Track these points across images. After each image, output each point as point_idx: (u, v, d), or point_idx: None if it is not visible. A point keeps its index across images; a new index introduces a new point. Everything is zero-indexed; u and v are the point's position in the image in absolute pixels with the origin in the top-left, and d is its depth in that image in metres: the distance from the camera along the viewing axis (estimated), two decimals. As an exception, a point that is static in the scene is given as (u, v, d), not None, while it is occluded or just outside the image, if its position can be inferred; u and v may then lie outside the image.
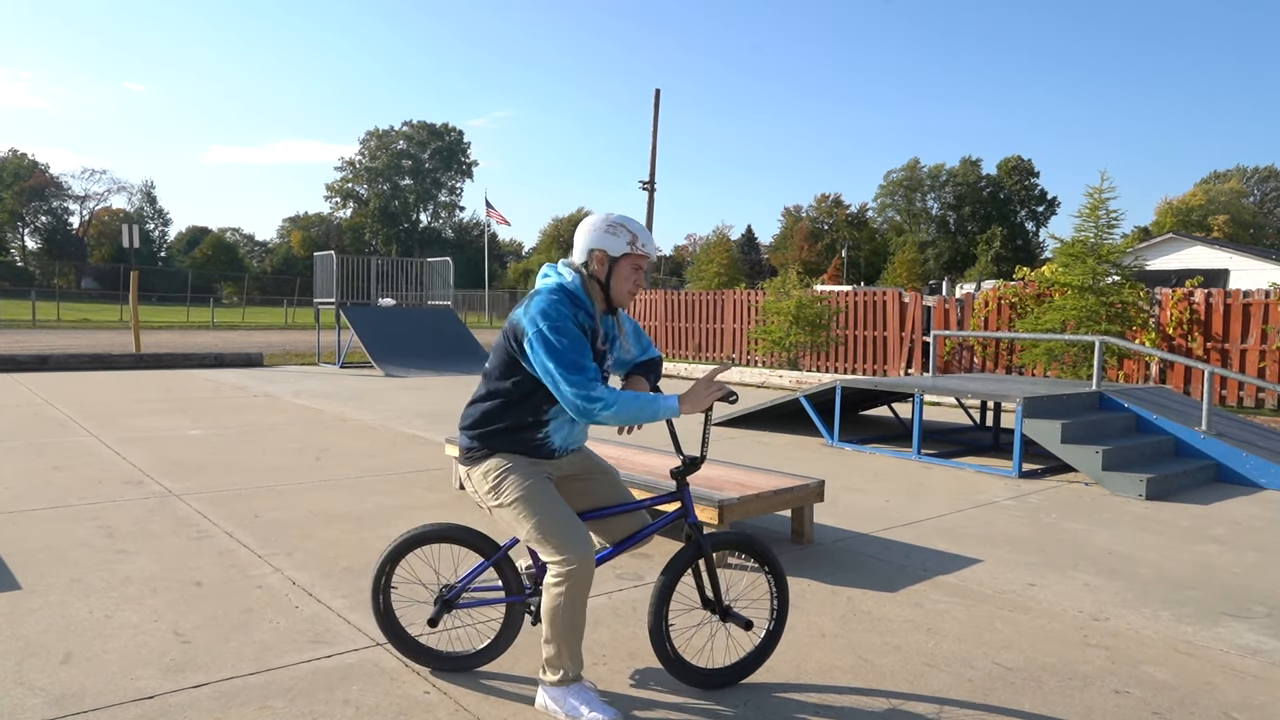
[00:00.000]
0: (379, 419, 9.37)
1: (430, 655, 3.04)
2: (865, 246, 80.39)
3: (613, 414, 2.61)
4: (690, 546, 2.90)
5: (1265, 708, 2.92)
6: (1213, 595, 4.09)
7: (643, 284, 2.86)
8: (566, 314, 2.68)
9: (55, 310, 38.44)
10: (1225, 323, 12.35)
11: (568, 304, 2.72)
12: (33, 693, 2.78)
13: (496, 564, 2.95)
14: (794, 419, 9.29)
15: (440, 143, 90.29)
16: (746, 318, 19.02)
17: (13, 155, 79.86)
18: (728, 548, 3.02)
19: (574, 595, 2.65)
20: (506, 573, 2.96)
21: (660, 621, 2.87)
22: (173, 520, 4.96)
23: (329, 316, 17.40)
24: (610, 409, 2.61)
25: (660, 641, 2.88)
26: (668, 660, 2.89)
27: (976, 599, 3.94)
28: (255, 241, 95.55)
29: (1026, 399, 6.82)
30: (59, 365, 14.59)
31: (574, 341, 2.65)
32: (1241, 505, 6.04)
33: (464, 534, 2.98)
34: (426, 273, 19.60)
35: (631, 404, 2.63)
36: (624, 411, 2.62)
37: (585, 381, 2.62)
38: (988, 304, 14.76)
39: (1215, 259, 30.15)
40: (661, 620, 2.87)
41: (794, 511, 4.80)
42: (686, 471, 2.90)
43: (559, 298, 2.71)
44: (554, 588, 2.65)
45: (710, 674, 2.96)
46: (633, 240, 2.78)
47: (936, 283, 54.19)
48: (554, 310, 2.67)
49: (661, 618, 2.87)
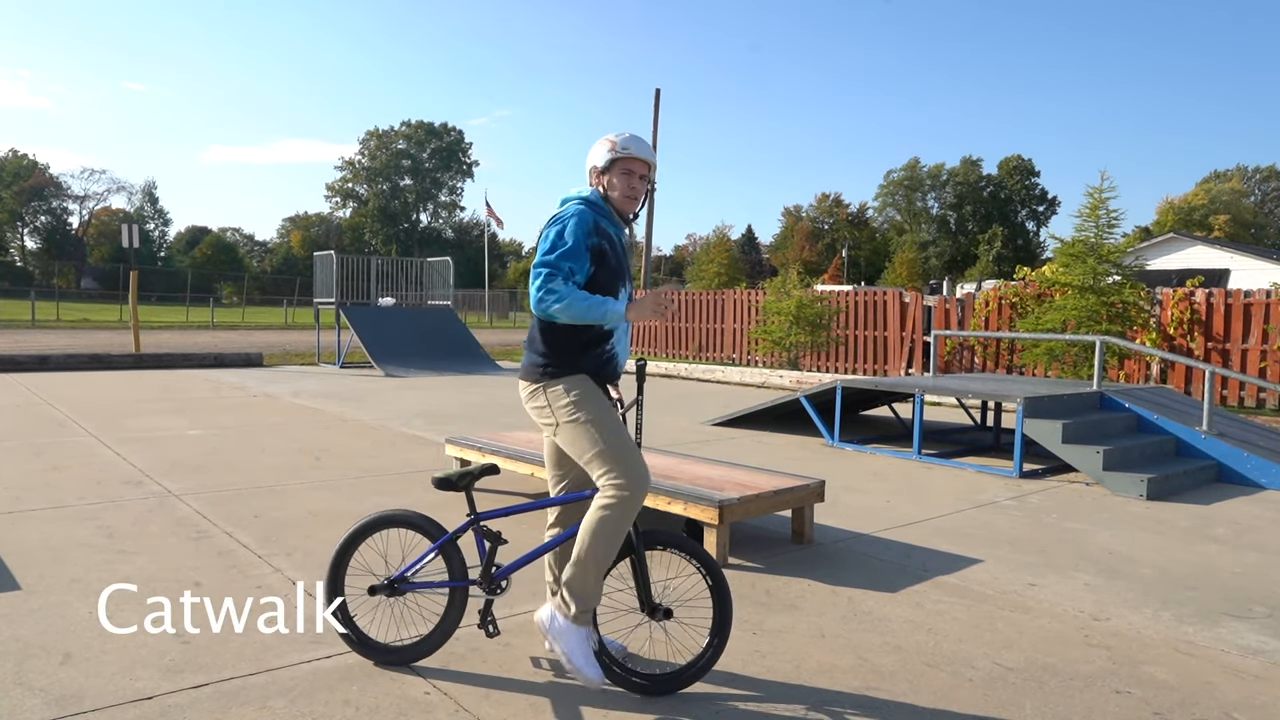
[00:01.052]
0: (379, 419, 9.36)
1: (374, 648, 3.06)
2: (865, 246, 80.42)
3: (563, 307, 2.74)
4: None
5: (1266, 708, 2.92)
6: (1213, 595, 4.08)
7: (639, 190, 2.97)
8: (588, 221, 2.86)
9: (55, 310, 38.42)
10: (1226, 323, 12.34)
11: (590, 213, 2.89)
12: (32, 693, 2.78)
13: (443, 549, 2.99)
14: (794, 419, 9.29)
15: (440, 143, 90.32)
16: (747, 318, 19.01)
17: (12, 155, 79.88)
18: (661, 546, 2.97)
19: (620, 519, 2.78)
20: (452, 558, 3.00)
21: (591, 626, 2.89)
22: (172, 520, 4.95)
23: (329, 316, 17.40)
24: (561, 302, 2.73)
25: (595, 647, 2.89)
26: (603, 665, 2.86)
27: (977, 599, 3.94)
28: (255, 241, 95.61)
29: (1027, 399, 6.82)
30: (58, 365, 14.58)
31: (571, 249, 2.80)
32: (1242, 505, 6.04)
33: (416, 519, 3.06)
34: (426, 273, 19.60)
35: (581, 302, 2.75)
36: (574, 307, 2.74)
37: (549, 275, 2.76)
38: (988, 304, 14.76)
39: (1216, 259, 30.15)
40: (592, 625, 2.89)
41: (794, 511, 4.79)
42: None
43: (583, 208, 2.89)
44: (605, 509, 2.78)
45: (651, 680, 2.88)
46: (612, 146, 2.94)
47: (937, 283, 54.18)
48: (574, 219, 2.84)
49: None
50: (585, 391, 2.87)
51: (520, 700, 2.83)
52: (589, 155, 3.01)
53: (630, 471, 2.79)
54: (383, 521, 3.09)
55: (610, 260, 2.89)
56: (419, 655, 3.04)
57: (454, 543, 3.02)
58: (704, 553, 2.97)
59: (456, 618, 3.02)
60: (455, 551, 3.01)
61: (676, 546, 2.98)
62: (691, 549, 2.96)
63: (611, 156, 2.93)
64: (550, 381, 2.88)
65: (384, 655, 3.06)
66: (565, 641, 2.82)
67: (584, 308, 2.75)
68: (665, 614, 2.91)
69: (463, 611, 3.03)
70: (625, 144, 2.94)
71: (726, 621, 2.91)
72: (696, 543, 2.97)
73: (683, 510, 4.39)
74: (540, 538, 3.13)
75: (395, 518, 3.09)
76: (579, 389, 2.86)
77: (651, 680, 2.89)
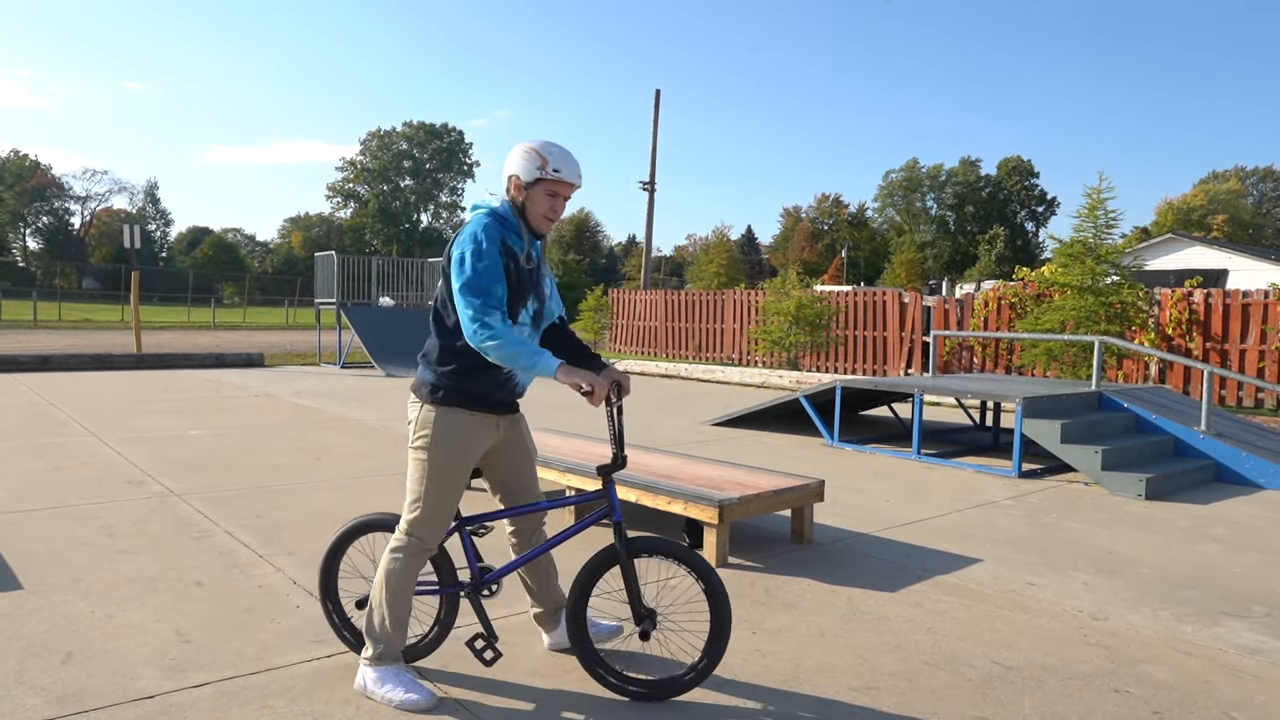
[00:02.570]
0: (380, 419, 9.37)
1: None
2: (865, 246, 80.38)
3: (496, 345, 2.62)
4: (608, 548, 2.86)
5: (1265, 707, 2.93)
6: (1212, 595, 4.09)
7: (559, 211, 2.85)
8: (495, 238, 2.72)
9: (56, 310, 38.42)
10: (1224, 323, 12.35)
11: (497, 227, 2.76)
12: (34, 692, 2.79)
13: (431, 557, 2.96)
14: (794, 419, 9.29)
15: (440, 143, 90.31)
16: (746, 318, 19.02)
17: (14, 156, 79.89)
18: (649, 553, 2.85)
19: (407, 567, 2.79)
20: (442, 565, 2.98)
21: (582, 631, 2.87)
22: (174, 520, 4.96)
23: (330, 317, 17.41)
24: (495, 340, 2.62)
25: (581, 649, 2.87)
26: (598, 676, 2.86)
27: (976, 598, 3.95)
28: (256, 242, 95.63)
29: (1026, 399, 6.82)
30: (60, 365, 14.59)
31: (490, 268, 2.68)
32: (1241, 505, 6.05)
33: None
34: (426, 273, 19.60)
35: (513, 345, 2.63)
36: (507, 349, 2.62)
37: (485, 306, 2.65)
38: (987, 304, 14.76)
39: (1214, 259, 30.16)
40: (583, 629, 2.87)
41: (794, 511, 4.80)
42: (613, 469, 2.84)
43: (490, 221, 2.76)
44: (394, 551, 2.80)
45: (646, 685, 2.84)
46: (543, 164, 2.76)
47: (936, 283, 54.20)
48: (483, 234, 2.71)
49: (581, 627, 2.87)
50: (451, 436, 2.78)
51: (520, 700, 2.84)
52: (509, 159, 2.81)
53: (428, 530, 2.79)
54: (369, 525, 3.06)
55: (512, 280, 2.76)
56: (417, 656, 3.04)
57: (442, 548, 3.00)
58: (699, 561, 2.83)
59: (449, 622, 3.02)
60: (445, 557, 2.99)
61: (669, 554, 2.85)
62: (683, 555, 2.84)
63: (539, 175, 2.76)
64: (429, 407, 2.79)
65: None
66: (382, 685, 2.77)
67: (513, 352, 2.62)
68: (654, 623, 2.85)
69: (454, 616, 3.03)
70: (558, 165, 2.76)
71: (724, 629, 2.80)
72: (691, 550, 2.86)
73: (683, 510, 4.40)
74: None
75: (381, 522, 3.05)
76: (446, 431, 2.77)
77: (647, 687, 2.85)
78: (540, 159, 2.76)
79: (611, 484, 2.89)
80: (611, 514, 2.87)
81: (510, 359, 2.65)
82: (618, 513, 2.87)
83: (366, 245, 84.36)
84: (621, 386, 2.77)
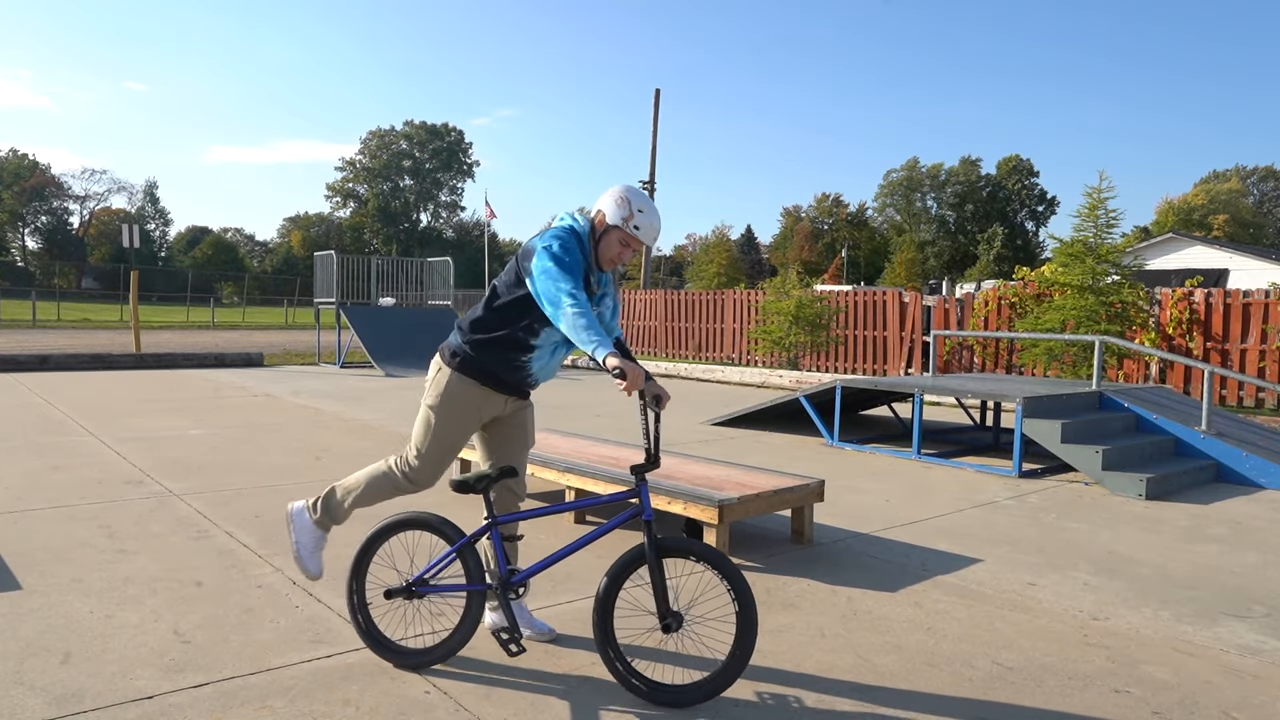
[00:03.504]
0: (379, 419, 9.37)
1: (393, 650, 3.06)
2: (865, 246, 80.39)
3: (574, 315, 2.80)
4: (637, 547, 2.88)
5: (1265, 707, 2.92)
6: (1213, 595, 4.09)
7: (625, 259, 3.11)
8: (575, 246, 3.00)
9: (55, 310, 38.43)
10: (1225, 322, 12.35)
11: (574, 240, 3.02)
12: (33, 693, 2.78)
13: (460, 553, 3.00)
14: (794, 419, 9.29)
15: (440, 143, 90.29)
16: (746, 318, 19.02)
17: (13, 155, 79.85)
18: (677, 554, 2.84)
19: (392, 487, 3.13)
20: (469, 562, 3.00)
21: (606, 632, 2.86)
22: (173, 520, 4.96)
23: (329, 316, 17.40)
24: (576, 308, 2.80)
25: (605, 652, 2.85)
26: (617, 674, 2.84)
27: (976, 599, 3.94)
28: (255, 241, 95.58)
29: (1026, 399, 6.82)
30: (59, 365, 14.59)
31: (575, 261, 2.95)
32: (1241, 505, 6.04)
33: (434, 522, 3.06)
34: (426, 272, 19.60)
35: (589, 318, 2.80)
36: (580, 321, 2.79)
37: (575, 283, 2.88)
38: (988, 304, 14.76)
39: (1215, 259, 30.16)
40: (607, 630, 2.86)
41: (794, 511, 4.80)
42: (646, 469, 2.91)
43: (568, 233, 3.03)
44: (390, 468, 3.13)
45: (670, 691, 2.82)
46: (627, 219, 3.02)
47: (936, 282, 54.18)
48: (566, 238, 3.00)
49: (606, 628, 2.86)
50: (457, 401, 3.07)
51: (520, 700, 2.83)
52: (606, 194, 3.08)
53: (423, 475, 3.11)
54: (402, 524, 3.08)
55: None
56: (438, 659, 3.03)
57: (472, 546, 3.02)
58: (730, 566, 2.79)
59: (475, 621, 3.01)
60: (473, 555, 3.01)
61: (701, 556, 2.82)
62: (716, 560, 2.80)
63: (621, 227, 3.03)
64: (446, 369, 3.09)
65: (403, 658, 3.05)
66: (301, 534, 3.20)
67: (585, 324, 2.79)
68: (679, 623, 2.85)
69: (481, 614, 3.02)
70: (639, 224, 3.02)
71: (749, 640, 2.77)
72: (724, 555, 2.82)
73: (683, 510, 4.39)
74: (559, 542, 3.14)
75: (414, 520, 3.07)
76: (454, 396, 3.07)
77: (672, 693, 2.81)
78: (628, 210, 3.03)
79: (644, 483, 2.92)
80: (643, 513, 2.90)
81: (579, 329, 2.79)
82: (648, 511, 2.90)
83: (366, 245, 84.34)
84: (660, 399, 2.93)
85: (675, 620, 2.84)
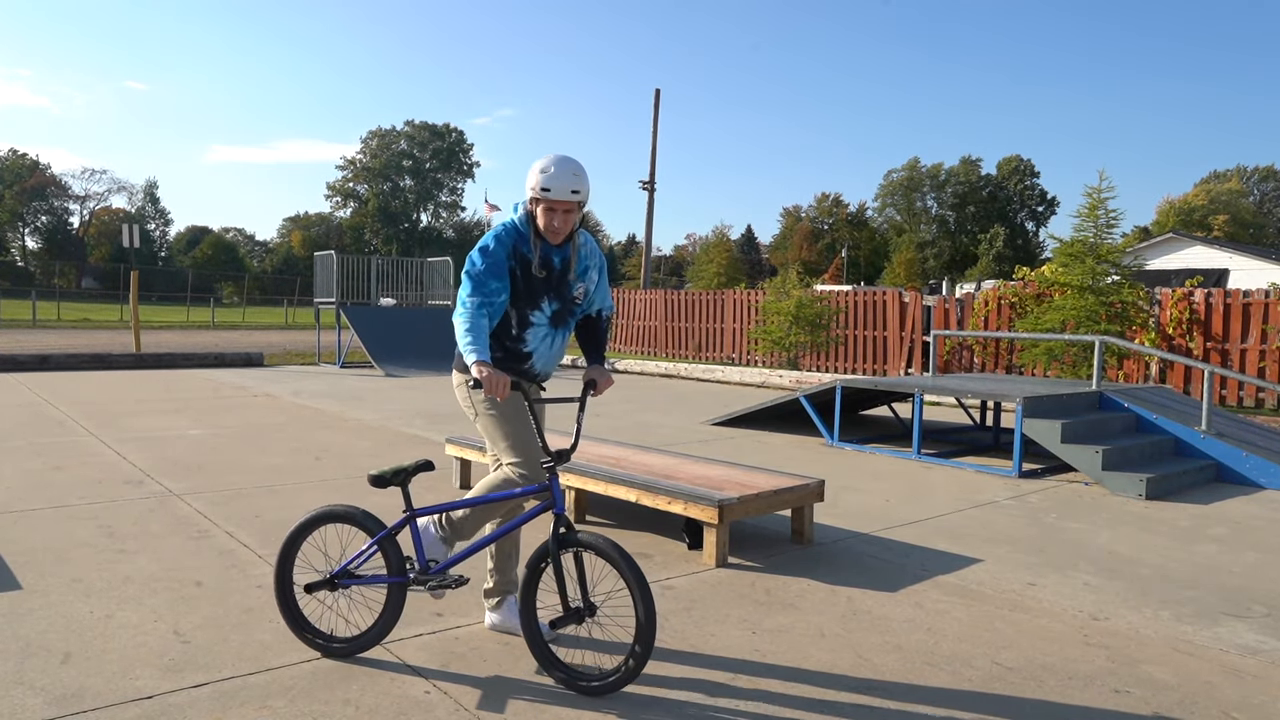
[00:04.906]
0: (379, 419, 9.37)
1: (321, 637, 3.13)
2: (865, 246, 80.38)
3: (458, 320, 2.96)
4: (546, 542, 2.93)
5: (1265, 707, 2.92)
6: (1213, 595, 4.09)
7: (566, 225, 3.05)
8: (506, 243, 3.05)
9: (55, 310, 38.41)
10: (1225, 322, 12.35)
11: (510, 238, 3.07)
12: (33, 692, 2.78)
13: (381, 544, 3.05)
14: (794, 419, 9.29)
15: (441, 143, 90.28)
16: (746, 318, 19.02)
17: (13, 155, 79.84)
18: (581, 548, 2.87)
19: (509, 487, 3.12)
20: (390, 554, 3.06)
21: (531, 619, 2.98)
22: (173, 520, 4.96)
23: (329, 316, 17.39)
24: (460, 317, 2.96)
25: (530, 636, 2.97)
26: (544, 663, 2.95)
27: (976, 599, 3.94)
28: (255, 241, 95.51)
29: (1026, 399, 6.82)
30: (59, 365, 14.58)
31: (490, 266, 3.01)
32: (1241, 505, 6.04)
33: (355, 514, 3.11)
34: (426, 273, 19.59)
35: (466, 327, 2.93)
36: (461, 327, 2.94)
37: (473, 290, 2.98)
38: (988, 304, 14.76)
39: (1215, 259, 30.15)
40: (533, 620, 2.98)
41: (794, 511, 4.80)
42: (555, 462, 2.95)
43: (502, 232, 3.08)
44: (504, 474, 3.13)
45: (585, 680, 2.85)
46: (535, 185, 2.99)
47: (936, 282, 54.20)
48: (493, 240, 3.06)
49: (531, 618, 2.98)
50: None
51: (520, 700, 2.83)
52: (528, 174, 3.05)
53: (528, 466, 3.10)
54: (324, 517, 3.15)
55: (519, 283, 3.08)
56: (364, 647, 3.10)
57: (392, 538, 3.08)
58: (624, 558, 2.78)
59: (396, 612, 3.08)
60: (394, 547, 3.07)
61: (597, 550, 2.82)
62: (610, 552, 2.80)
63: (537, 197, 3.00)
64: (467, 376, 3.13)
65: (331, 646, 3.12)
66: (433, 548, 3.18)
67: (462, 332, 2.94)
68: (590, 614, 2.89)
69: (401, 606, 3.08)
70: (546, 184, 2.96)
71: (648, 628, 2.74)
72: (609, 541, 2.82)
73: (683, 510, 4.39)
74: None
75: (335, 513, 3.14)
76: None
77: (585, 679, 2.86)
78: (535, 178, 2.99)
79: (555, 476, 2.98)
80: (554, 506, 2.97)
81: (460, 334, 2.95)
82: (560, 505, 2.96)
83: (366, 245, 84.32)
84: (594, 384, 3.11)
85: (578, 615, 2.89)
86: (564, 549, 2.89)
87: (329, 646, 3.11)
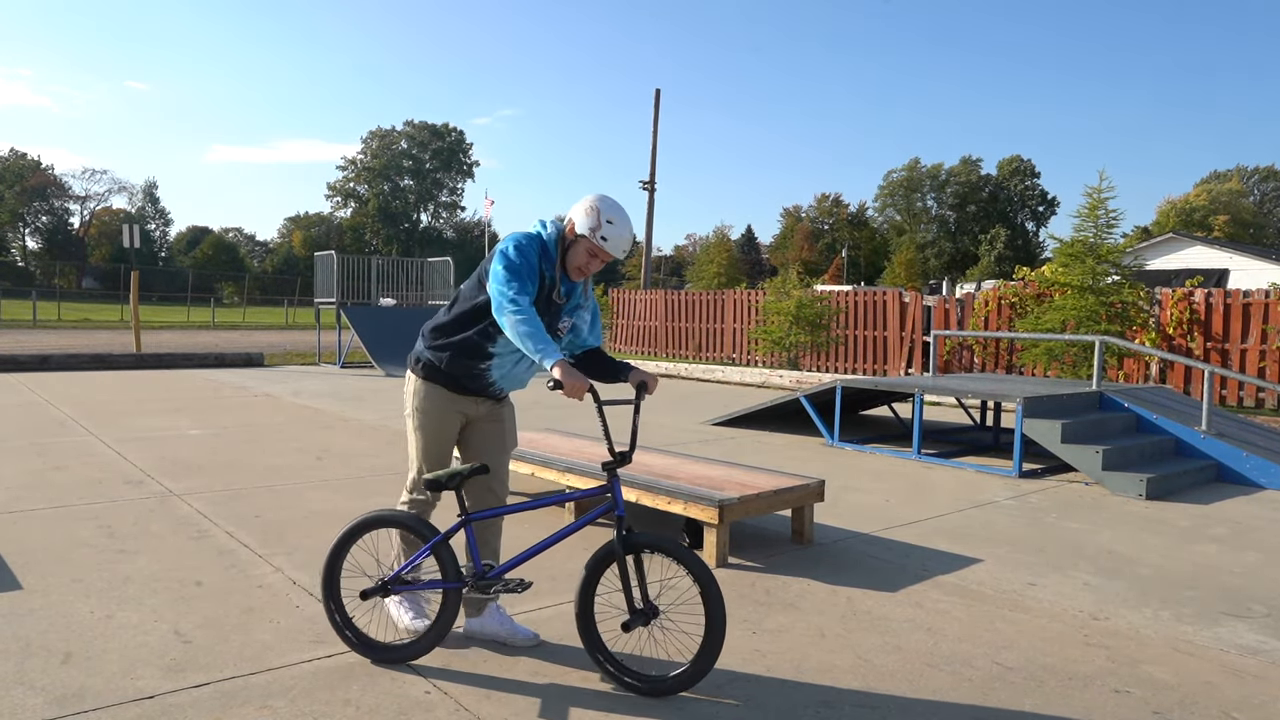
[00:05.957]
0: (379, 419, 9.37)
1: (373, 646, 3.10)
2: (865, 246, 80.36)
3: (516, 322, 2.83)
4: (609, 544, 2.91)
5: (1265, 707, 2.92)
6: (1213, 595, 4.09)
7: (593, 269, 3.09)
8: (533, 253, 3.00)
9: (56, 310, 38.42)
10: (1225, 323, 12.34)
11: (536, 248, 3.02)
12: (33, 692, 2.79)
13: (435, 551, 3.02)
14: (794, 419, 9.29)
15: (441, 143, 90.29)
16: (746, 318, 19.02)
17: (13, 155, 79.84)
18: (647, 550, 2.87)
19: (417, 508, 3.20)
20: (445, 559, 3.02)
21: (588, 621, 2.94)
22: (173, 520, 4.96)
23: (329, 316, 17.40)
24: (519, 316, 2.83)
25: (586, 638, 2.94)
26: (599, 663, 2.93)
27: (977, 599, 3.94)
28: (256, 241, 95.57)
29: (1026, 399, 6.82)
30: (60, 365, 14.59)
31: (527, 267, 2.95)
32: (1242, 505, 6.04)
33: (408, 520, 3.08)
34: (426, 273, 19.59)
35: (534, 326, 2.82)
36: (524, 327, 2.82)
37: (520, 289, 2.89)
38: (988, 304, 14.76)
39: (1215, 259, 30.14)
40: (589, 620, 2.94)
41: (794, 511, 4.80)
42: (617, 464, 2.94)
43: (531, 240, 3.03)
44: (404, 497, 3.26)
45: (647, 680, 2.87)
46: (595, 229, 2.99)
47: (937, 283, 54.16)
48: (526, 244, 3.00)
49: (588, 617, 2.94)
50: (429, 406, 3.16)
51: (520, 700, 2.84)
52: (577, 205, 3.03)
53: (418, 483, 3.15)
54: (374, 522, 3.10)
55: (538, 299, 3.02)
56: (416, 654, 3.05)
57: (446, 543, 3.04)
58: (695, 559, 2.82)
59: (451, 618, 3.03)
60: (448, 552, 3.03)
61: (667, 551, 2.85)
62: (680, 554, 2.83)
63: (588, 237, 3.00)
64: (415, 378, 3.19)
65: (382, 654, 3.08)
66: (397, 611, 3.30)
67: (529, 331, 2.81)
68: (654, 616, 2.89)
69: (456, 611, 3.04)
70: (607, 235, 2.98)
71: (718, 628, 2.78)
72: (688, 549, 2.86)
73: (683, 510, 4.39)
74: (535, 536, 3.16)
75: (387, 518, 3.10)
76: (424, 401, 3.16)
77: (646, 681, 2.87)
78: (597, 221, 2.99)
79: (616, 479, 2.95)
80: (615, 509, 2.91)
81: (522, 337, 2.82)
82: (620, 508, 2.91)
83: (366, 245, 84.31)
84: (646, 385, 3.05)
85: (644, 616, 2.86)
86: (630, 551, 2.87)
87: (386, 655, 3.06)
